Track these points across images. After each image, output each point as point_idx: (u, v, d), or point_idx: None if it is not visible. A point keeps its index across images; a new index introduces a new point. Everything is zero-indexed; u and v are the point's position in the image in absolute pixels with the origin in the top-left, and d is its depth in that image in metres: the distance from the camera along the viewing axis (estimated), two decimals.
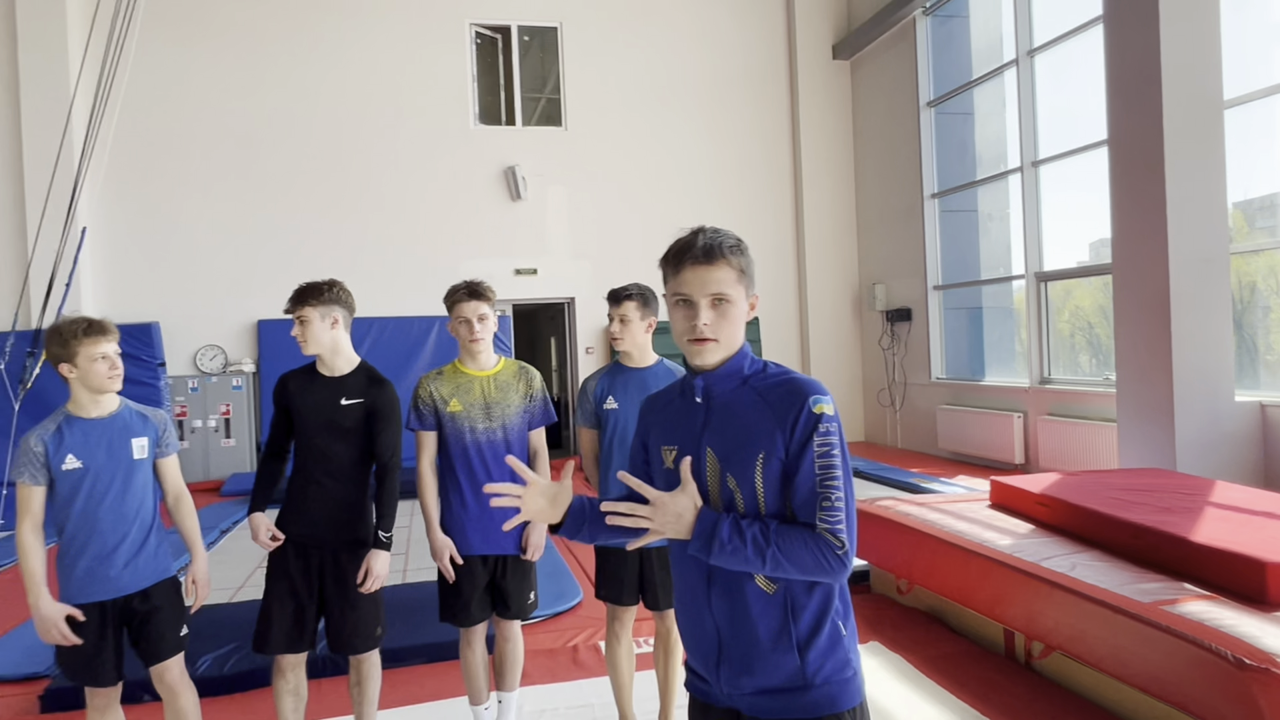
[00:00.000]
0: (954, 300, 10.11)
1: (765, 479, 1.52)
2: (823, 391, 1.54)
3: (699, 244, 1.57)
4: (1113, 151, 6.41)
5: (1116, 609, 3.01)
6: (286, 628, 2.84)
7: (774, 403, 1.54)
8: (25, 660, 4.09)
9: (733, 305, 1.57)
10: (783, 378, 1.57)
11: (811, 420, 1.50)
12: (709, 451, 1.58)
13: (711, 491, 1.58)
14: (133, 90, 8.86)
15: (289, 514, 2.90)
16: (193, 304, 9.94)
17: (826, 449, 1.49)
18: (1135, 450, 6.22)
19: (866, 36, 10.86)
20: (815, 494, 1.48)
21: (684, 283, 1.57)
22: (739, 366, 1.60)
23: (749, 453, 1.53)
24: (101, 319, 2.65)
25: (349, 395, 2.91)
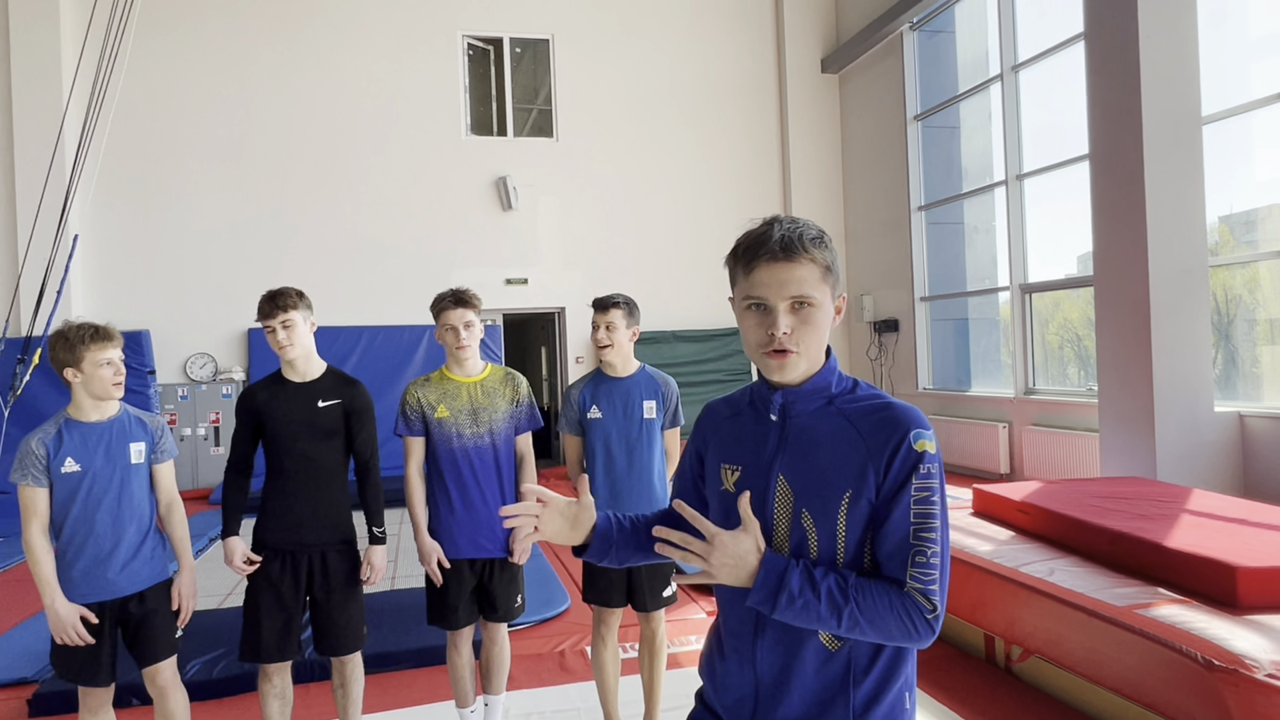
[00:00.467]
0: (940, 311, 10.21)
1: (850, 522, 1.30)
2: (925, 425, 1.31)
3: (775, 236, 1.32)
4: (1094, 165, 6.52)
5: (1092, 613, 3.07)
6: (276, 636, 2.87)
7: (867, 432, 1.31)
8: (13, 665, 4.10)
9: (817, 309, 1.33)
10: (877, 402, 1.34)
11: (912, 458, 1.28)
12: (780, 480, 1.35)
13: (778, 528, 1.34)
14: (125, 99, 8.89)
15: (271, 523, 2.90)
16: (183, 312, 9.95)
17: (926, 494, 1.27)
18: (1116, 459, 6.30)
19: (855, 50, 10.99)
20: (907, 546, 1.26)
21: (757, 284, 1.32)
22: (825, 383, 1.37)
23: (833, 489, 1.30)
24: (107, 325, 2.68)
25: (325, 398, 2.95)
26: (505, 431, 3.14)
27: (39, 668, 4.05)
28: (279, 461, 2.92)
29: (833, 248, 1.36)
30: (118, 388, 2.65)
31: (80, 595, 2.63)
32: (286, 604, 2.88)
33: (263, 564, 2.90)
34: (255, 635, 2.86)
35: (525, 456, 3.22)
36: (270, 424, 2.90)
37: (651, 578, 3.16)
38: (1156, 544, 3.45)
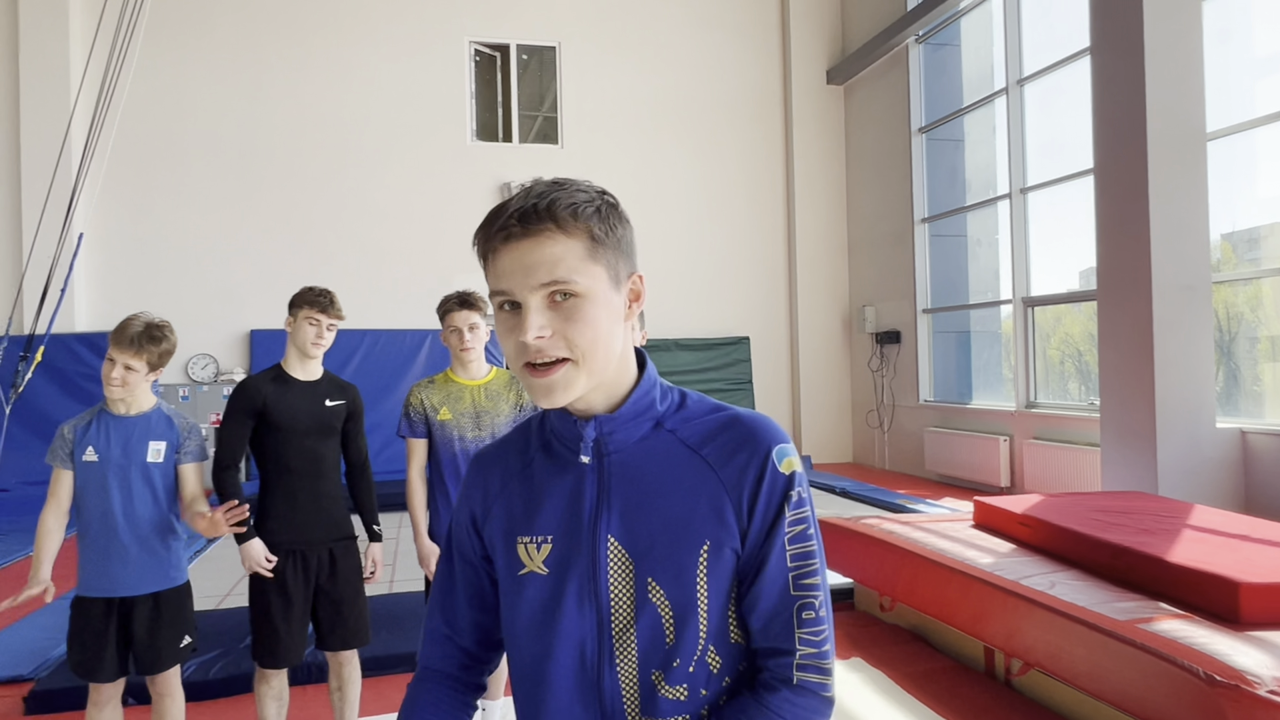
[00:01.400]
0: (943, 324, 10.21)
1: (713, 583, 0.97)
2: (784, 436, 1.02)
3: (512, 207, 0.96)
4: (1098, 180, 6.53)
5: (1093, 626, 3.06)
6: (295, 640, 2.87)
7: (715, 457, 0.99)
8: (10, 662, 4.08)
9: (584, 300, 0.95)
10: (719, 415, 1.03)
11: (780, 484, 0.98)
12: (612, 545, 0.99)
13: (618, 609, 0.98)
14: (132, 100, 8.92)
15: (277, 523, 2.87)
16: (185, 313, 9.93)
17: (802, 528, 0.99)
18: (1117, 474, 6.29)
19: (860, 63, 11.03)
20: (789, 600, 0.97)
21: (500, 273, 0.96)
22: (646, 400, 1.02)
23: (686, 543, 0.97)
24: (143, 333, 2.61)
25: (331, 397, 2.96)
26: None
27: (35, 665, 4.04)
28: (282, 459, 2.88)
29: (611, 214, 0.99)
30: (111, 389, 2.64)
31: (91, 588, 2.64)
32: (296, 604, 2.88)
33: (274, 565, 2.88)
34: (274, 639, 2.84)
35: None
36: (277, 421, 2.86)
37: None
38: (1159, 558, 3.44)
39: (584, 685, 1.00)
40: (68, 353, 9.08)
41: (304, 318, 2.88)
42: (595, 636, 1.00)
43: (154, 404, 2.75)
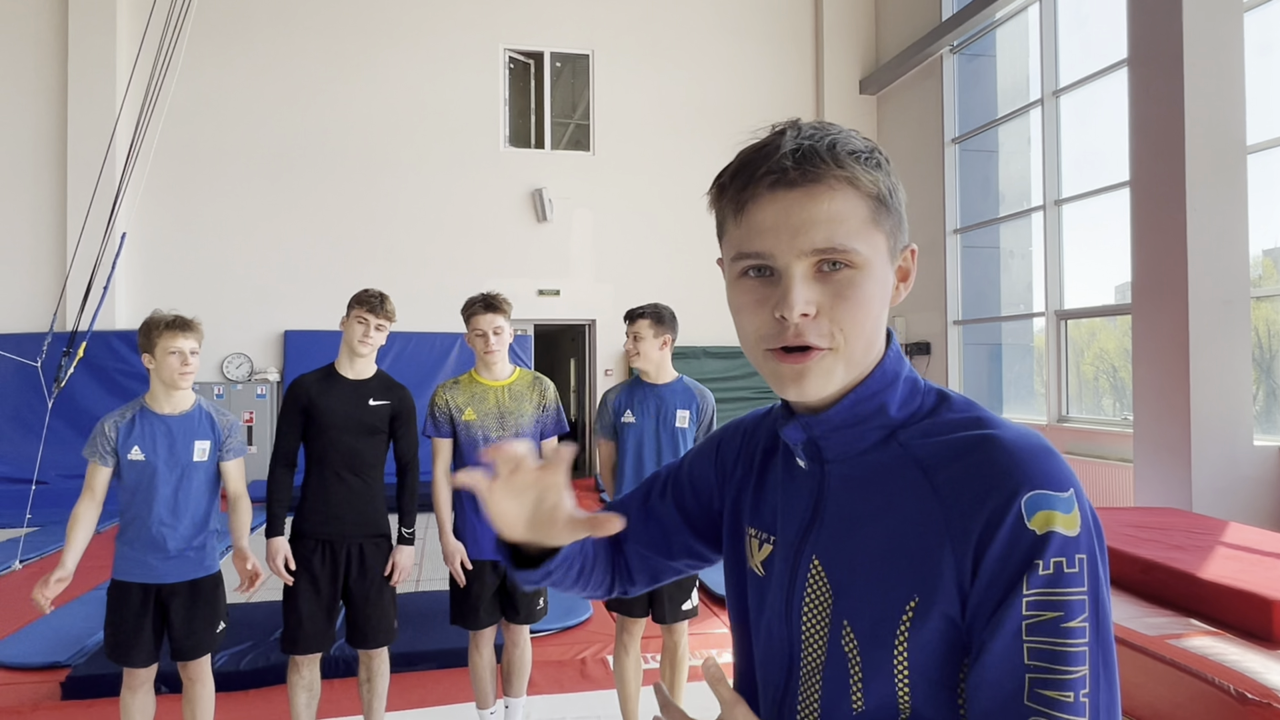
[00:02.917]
0: (974, 336, 10.12)
1: (914, 653, 0.74)
2: (1058, 478, 0.72)
3: (786, 148, 0.77)
4: (1135, 192, 6.45)
5: (1124, 642, 3.02)
6: (316, 627, 2.93)
7: (947, 487, 0.74)
8: (48, 649, 4.19)
9: (861, 273, 0.77)
10: (970, 434, 0.76)
11: (1021, 545, 0.70)
12: (815, 568, 0.82)
13: (808, 649, 0.82)
14: (175, 104, 9.13)
15: (311, 513, 2.97)
16: (221, 312, 10.14)
17: (1054, 617, 0.69)
18: (1151, 490, 6.20)
19: (893, 72, 10.99)
20: (1017, 710, 0.69)
21: (756, 229, 0.78)
22: (876, 402, 0.81)
23: (888, 593, 0.76)
24: (189, 318, 2.77)
25: (375, 397, 3.03)
26: (531, 435, 3.18)
27: (72, 652, 4.14)
28: (323, 454, 2.98)
29: (892, 170, 0.80)
30: (184, 377, 2.72)
31: (128, 573, 2.71)
32: (324, 593, 2.94)
33: (302, 554, 2.95)
34: (297, 625, 2.92)
35: None
36: (319, 416, 2.96)
37: (673, 589, 3.17)
38: (1191, 575, 3.39)
39: (766, 710, 0.86)
40: (107, 349, 9.28)
41: (354, 316, 3.00)
42: (784, 666, 0.84)
43: (194, 401, 2.82)
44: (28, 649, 4.23)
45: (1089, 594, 0.69)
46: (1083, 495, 0.72)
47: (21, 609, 5.01)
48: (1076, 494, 0.71)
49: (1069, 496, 0.71)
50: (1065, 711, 0.67)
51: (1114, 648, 0.71)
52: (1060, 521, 0.70)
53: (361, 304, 2.98)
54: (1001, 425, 0.76)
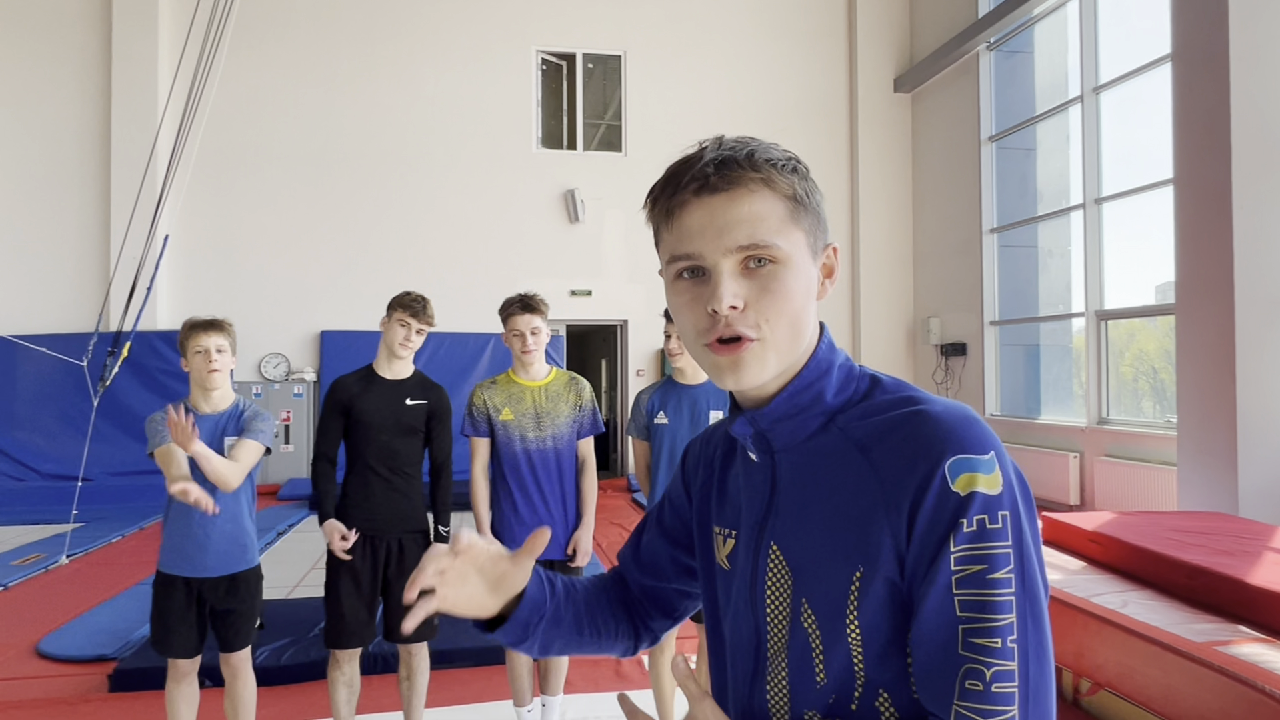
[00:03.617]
0: (1011, 336, 9.98)
1: (865, 619, 0.79)
2: (979, 443, 0.77)
3: (706, 158, 0.86)
4: (1178, 190, 6.33)
5: (1168, 647, 2.96)
6: (360, 622, 2.97)
7: (882, 462, 0.80)
8: (96, 642, 4.29)
9: (783, 267, 0.83)
10: (901, 411, 0.82)
11: (949, 505, 0.75)
12: (774, 553, 0.87)
13: (774, 631, 0.87)
14: (214, 109, 9.30)
15: (352, 510, 3.01)
16: (260, 313, 10.31)
17: (979, 567, 0.74)
18: (1195, 494, 6.07)
19: (929, 70, 10.88)
20: (953, 659, 0.74)
21: (686, 233, 0.85)
22: (815, 390, 0.86)
23: (836, 566, 0.81)
24: (218, 319, 2.81)
25: (412, 397, 3.07)
26: (567, 435, 3.19)
27: (119, 645, 4.23)
28: (362, 452, 3.03)
29: (808, 174, 0.87)
30: (212, 375, 2.77)
31: (171, 566, 2.78)
32: (364, 588, 2.98)
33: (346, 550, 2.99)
34: (339, 619, 2.96)
35: (586, 460, 3.27)
36: (359, 415, 3.01)
37: None
38: (1239, 580, 3.32)
39: (737, 699, 0.91)
40: (150, 349, 9.47)
41: (396, 319, 3.03)
42: (751, 651, 0.89)
43: (232, 401, 2.86)
44: (75, 642, 4.33)
45: (1013, 547, 0.75)
46: (1005, 456, 0.78)
47: (69, 603, 5.14)
48: (998, 455, 0.77)
49: (989, 458, 0.76)
50: (995, 656, 0.73)
51: (1041, 596, 0.76)
52: (982, 482, 0.75)
53: (404, 308, 3.02)
54: (929, 400, 0.82)
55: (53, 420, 9.67)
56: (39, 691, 3.80)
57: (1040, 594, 0.76)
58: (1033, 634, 0.74)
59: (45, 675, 4.00)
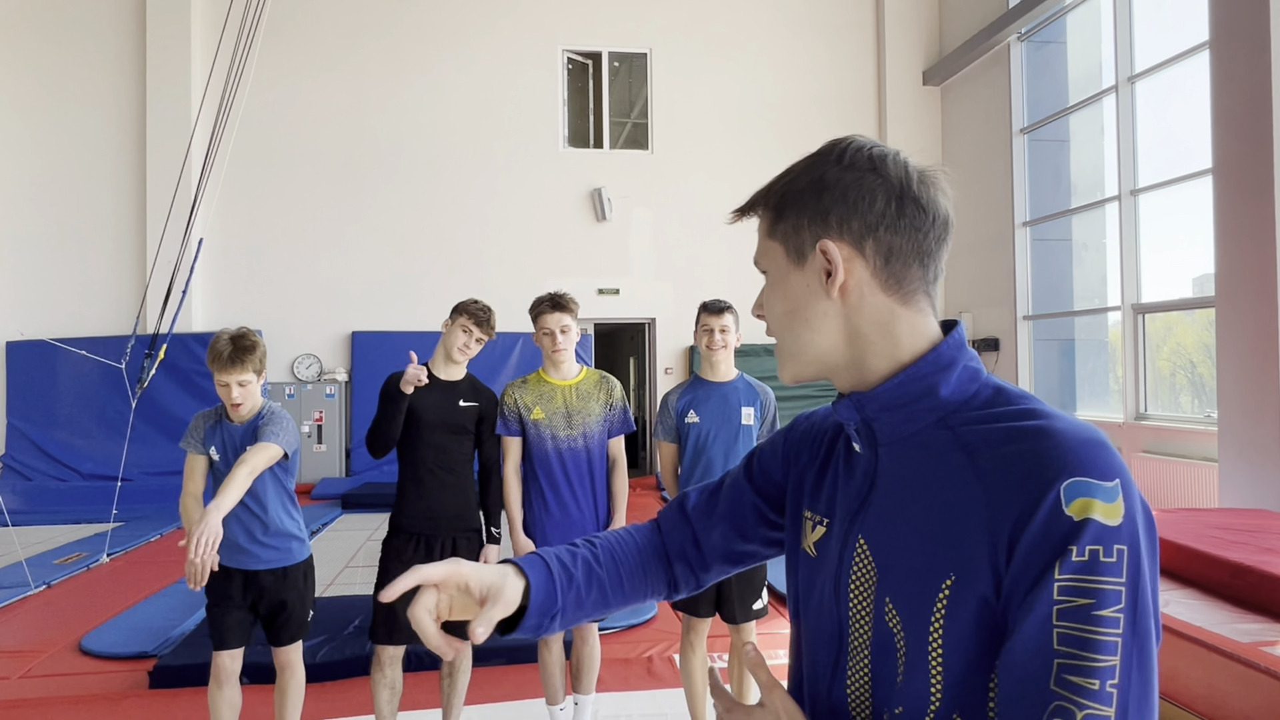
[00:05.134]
0: (1044, 331, 9.83)
1: (950, 631, 0.76)
2: (1102, 467, 0.72)
3: None
4: (1218, 180, 6.19)
5: (1212, 648, 2.90)
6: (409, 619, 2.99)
7: (990, 469, 0.76)
8: (136, 639, 4.37)
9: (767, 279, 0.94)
10: (1020, 425, 0.77)
11: (1058, 530, 0.70)
12: (861, 547, 0.86)
13: (855, 626, 0.85)
14: (247, 113, 9.42)
15: (407, 508, 3.06)
16: (292, 314, 10.44)
17: (1086, 605, 0.69)
18: (1238, 490, 5.94)
19: (958, 63, 10.74)
20: (1040, 694, 0.69)
21: None
22: (927, 383, 0.84)
23: (928, 571, 0.78)
24: (241, 348, 2.74)
25: (465, 399, 3.11)
26: (598, 434, 3.19)
27: (159, 642, 4.31)
28: (415, 450, 3.06)
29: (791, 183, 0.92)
30: (236, 409, 2.81)
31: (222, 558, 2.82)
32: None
33: (397, 546, 3.04)
34: (389, 616, 2.96)
35: (617, 459, 3.27)
36: (414, 414, 3.04)
37: (742, 589, 3.15)
38: None
39: (815, 690, 0.90)
40: (186, 351, 9.63)
41: (459, 325, 3.07)
42: (833, 642, 0.88)
43: (258, 409, 2.87)
44: (116, 639, 4.41)
45: (1127, 586, 0.69)
46: (1133, 489, 0.72)
47: (110, 600, 5.24)
48: (1124, 486, 0.71)
49: (1113, 486, 0.71)
50: (1090, 699, 0.67)
51: (1152, 645, 0.70)
52: (1099, 509, 0.70)
53: (469, 315, 3.05)
54: (1053, 416, 0.77)
55: (92, 421, 9.87)
56: (81, 688, 3.88)
57: (1151, 643, 0.70)
58: (1137, 683, 0.68)
59: (87, 672, 4.08)
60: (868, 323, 0.86)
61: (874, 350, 0.86)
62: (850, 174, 0.86)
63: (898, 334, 0.86)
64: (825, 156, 0.88)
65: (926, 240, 0.86)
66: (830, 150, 0.88)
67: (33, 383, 10.05)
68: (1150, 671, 0.69)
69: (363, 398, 10.20)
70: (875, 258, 0.85)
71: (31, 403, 10.04)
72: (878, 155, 0.87)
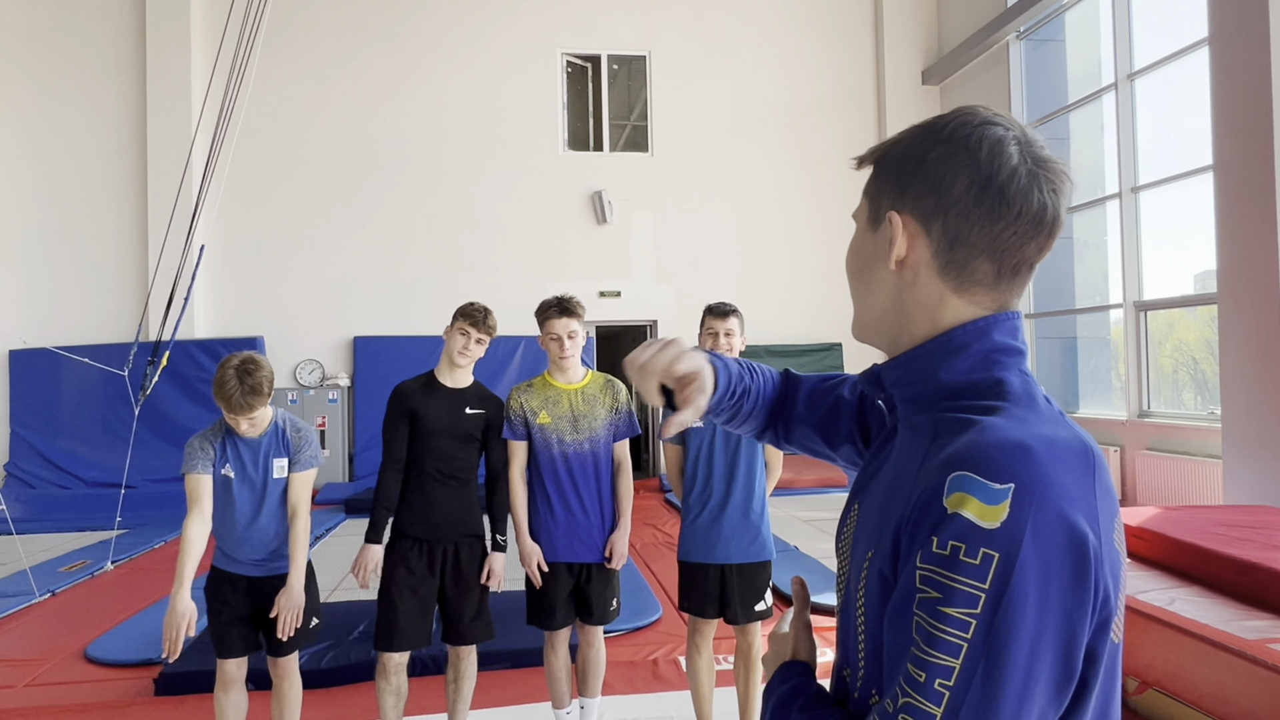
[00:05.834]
0: (1046, 329, 9.83)
1: (868, 601, 0.80)
2: (1001, 469, 0.70)
3: None
4: (1218, 176, 6.19)
5: (1220, 645, 2.90)
6: (414, 624, 3.00)
7: (928, 459, 0.78)
8: (141, 646, 4.37)
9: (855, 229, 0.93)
10: (968, 415, 0.78)
11: (930, 515, 0.72)
12: (854, 510, 0.92)
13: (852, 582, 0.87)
14: (246, 119, 9.43)
15: (410, 514, 3.05)
16: (294, 320, 10.44)
17: (938, 593, 0.69)
18: (1242, 487, 5.93)
19: (957, 62, 10.75)
20: (894, 669, 0.72)
21: None
22: (928, 363, 0.84)
23: (868, 540, 0.83)
24: (249, 387, 2.65)
25: (471, 406, 3.11)
26: (604, 438, 3.19)
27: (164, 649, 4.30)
28: (421, 457, 3.06)
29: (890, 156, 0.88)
30: (247, 435, 2.81)
31: (222, 563, 2.84)
32: (421, 591, 3.01)
33: (401, 552, 3.04)
34: (392, 621, 2.97)
35: (623, 463, 3.26)
36: (420, 422, 3.04)
37: (744, 590, 3.14)
38: None
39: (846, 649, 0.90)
40: (188, 358, 9.64)
41: (457, 328, 3.08)
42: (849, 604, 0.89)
43: (271, 419, 2.86)
44: (122, 646, 4.41)
45: (988, 594, 0.66)
46: (1032, 502, 0.68)
47: (115, 608, 5.24)
48: (1019, 494, 0.68)
49: (1001, 489, 0.68)
50: (915, 690, 0.68)
51: (1012, 673, 0.66)
52: (973, 507, 0.68)
53: (465, 317, 3.06)
54: (1009, 416, 0.76)
55: (96, 429, 9.88)
56: (87, 696, 3.88)
57: (1009, 666, 0.66)
58: (978, 694, 0.66)
59: (93, 680, 4.08)
60: (914, 302, 0.84)
61: (911, 331, 0.85)
62: (942, 149, 0.82)
63: (941, 320, 0.84)
64: (935, 124, 0.84)
65: (1004, 234, 0.80)
66: (943, 119, 0.84)
67: (36, 390, 10.06)
68: (1000, 690, 0.66)
69: (365, 403, 10.21)
70: (940, 240, 0.82)
71: (35, 410, 10.05)
72: (982, 135, 0.81)
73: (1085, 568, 0.69)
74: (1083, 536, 0.69)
